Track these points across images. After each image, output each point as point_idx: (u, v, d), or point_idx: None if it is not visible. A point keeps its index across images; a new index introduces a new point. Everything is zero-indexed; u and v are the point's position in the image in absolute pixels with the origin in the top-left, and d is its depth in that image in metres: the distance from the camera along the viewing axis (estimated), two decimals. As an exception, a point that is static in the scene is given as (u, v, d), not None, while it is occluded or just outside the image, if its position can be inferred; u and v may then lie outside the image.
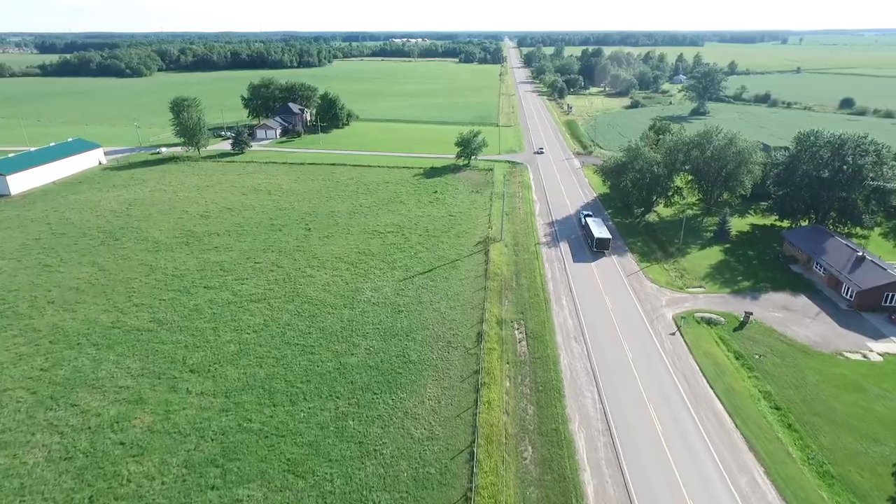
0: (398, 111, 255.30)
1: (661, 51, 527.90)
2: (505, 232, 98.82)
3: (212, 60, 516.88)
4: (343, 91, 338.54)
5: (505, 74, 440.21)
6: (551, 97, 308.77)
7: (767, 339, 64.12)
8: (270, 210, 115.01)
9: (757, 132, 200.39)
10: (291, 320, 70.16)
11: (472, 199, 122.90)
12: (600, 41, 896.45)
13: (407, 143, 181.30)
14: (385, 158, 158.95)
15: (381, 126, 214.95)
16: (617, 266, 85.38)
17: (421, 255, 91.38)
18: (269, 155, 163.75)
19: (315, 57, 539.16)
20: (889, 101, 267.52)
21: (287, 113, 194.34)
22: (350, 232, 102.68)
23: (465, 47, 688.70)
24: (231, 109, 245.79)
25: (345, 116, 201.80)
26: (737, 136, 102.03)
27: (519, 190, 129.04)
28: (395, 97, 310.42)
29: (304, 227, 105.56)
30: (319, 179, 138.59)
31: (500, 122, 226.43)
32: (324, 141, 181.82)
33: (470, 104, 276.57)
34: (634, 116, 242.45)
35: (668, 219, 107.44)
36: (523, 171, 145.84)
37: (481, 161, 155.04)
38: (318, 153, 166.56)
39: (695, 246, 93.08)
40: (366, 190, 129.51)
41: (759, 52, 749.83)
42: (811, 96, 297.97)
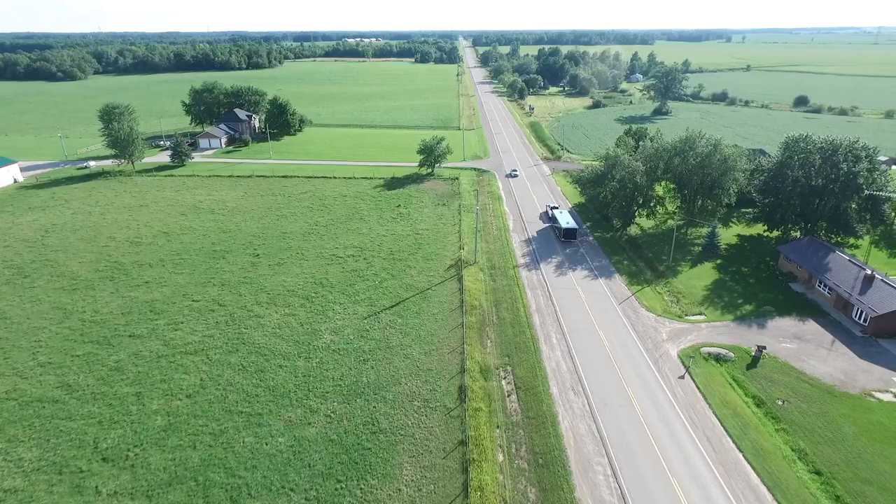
0: (354, 115, 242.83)
1: (616, 49, 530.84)
2: (479, 253, 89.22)
3: (153, 62, 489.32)
4: (295, 94, 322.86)
5: (463, 74, 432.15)
6: (511, 98, 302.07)
7: (786, 377, 56.63)
8: (213, 233, 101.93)
9: (721, 132, 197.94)
10: (235, 378, 58.45)
11: (439, 213, 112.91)
12: (554, 40, 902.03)
13: (365, 151, 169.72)
14: (342, 168, 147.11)
15: (336, 132, 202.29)
16: (606, 290, 76.95)
17: (386, 283, 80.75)
18: (213, 167, 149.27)
19: (265, 58, 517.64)
20: (839, 98, 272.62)
21: (233, 120, 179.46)
22: (305, 257, 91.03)
23: (421, 47, 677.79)
24: (173, 115, 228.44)
25: (297, 122, 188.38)
26: (720, 142, 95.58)
27: (489, 202, 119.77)
28: (351, 100, 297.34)
29: (251, 252, 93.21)
30: (270, 194, 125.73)
31: (461, 125, 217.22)
32: (274, 150, 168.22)
33: (429, 106, 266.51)
34: (598, 117, 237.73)
35: (651, 231, 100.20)
36: (491, 180, 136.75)
37: (446, 169, 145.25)
38: (268, 164, 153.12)
39: (685, 263, 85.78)
40: (322, 206, 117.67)
41: (707, 50, 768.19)
42: (765, 94, 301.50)
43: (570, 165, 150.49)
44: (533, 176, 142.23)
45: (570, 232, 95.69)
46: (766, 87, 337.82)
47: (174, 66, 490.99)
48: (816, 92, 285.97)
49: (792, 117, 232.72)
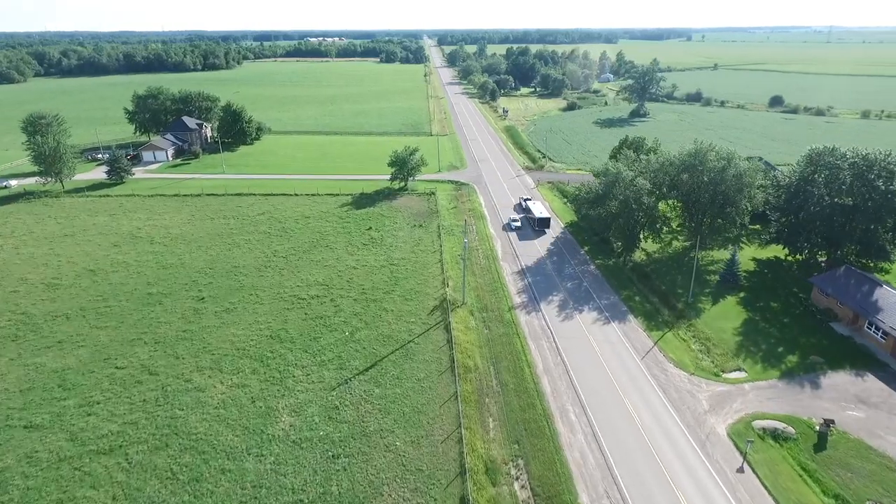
0: (317, 120, 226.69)
1: (585, 48, 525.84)
2: (466, 289, 76.12)
3: (100, 63, 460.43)
4: (254, 97, 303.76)
5: (430, 75, 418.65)
6: (483, 99, 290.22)
7: (865, 463, 45.43)
8: (150, 269, 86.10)
9: (704, 135, 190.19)
10: (159, 493, 43.86)
11: (416, 236, 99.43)
12: (519, 39, 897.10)
13: (330, 162, 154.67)
14: (304, 183, 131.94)
15: (298, 140, 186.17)
16: (623, 339, 64.82)
17: (359, 335, 66.96)
18: (157, 184, 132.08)
19: (222, 59, 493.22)
20: (811, 98, 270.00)
21: (181, 129, 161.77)
22: (260, 299, 76.39)
23: (386, 46, 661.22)
24: (118, 123, 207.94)
25: (254, 130, 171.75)
26: (734, 156, 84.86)
27: (472, 221, 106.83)
28: (313, 103, 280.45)
29: (195, 295, 77.99)
30: (221, 217, 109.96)
31: (433, 130, 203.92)
32: (228, 163, 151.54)
33: (398, 110, 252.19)
34: (575, 120, 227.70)
35: (658, 256, 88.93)
36: (472, 195, 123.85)
37: (420, 182, 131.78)
38: (221, 179, 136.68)
39: (704, 298, 74.47)
40: (281, 230, 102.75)
41: (670, 49, 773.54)
42: (738, 94, 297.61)
43: (555, 176, 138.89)
44: (517, 189, 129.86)
45: (543, 221, 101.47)
46: (736, 87, 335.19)
47: (123, 68, 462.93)
48: (787, 91, 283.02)
49: (770, 118, 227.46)
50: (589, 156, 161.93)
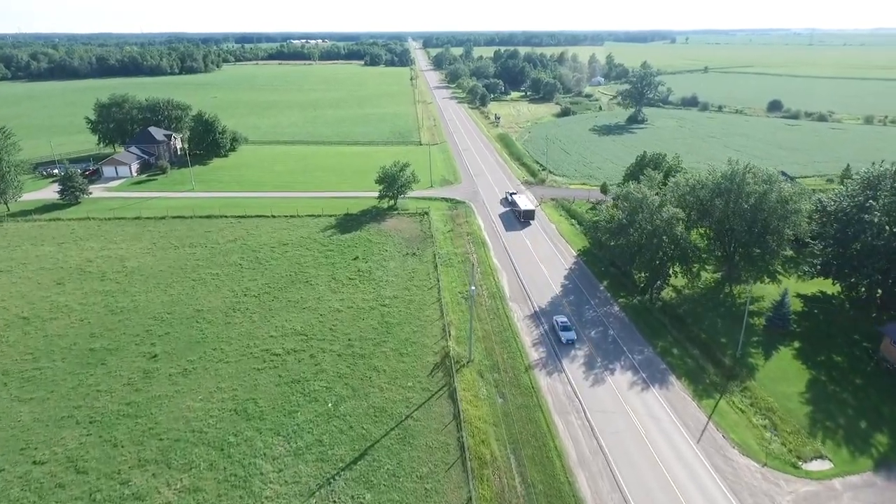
0: (299, 128, 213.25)
1: (573, 51, 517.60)
2: (473, 340, 64.04)
3: (72, 67, 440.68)
4: (232, 102, 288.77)
5: (417, 78, 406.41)
6: (473, 104, 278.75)
7: None
8: (97, 315, 72.88)
9: (708, 143, 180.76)
10: None
11: (410, 268, 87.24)
12: (505, 41, 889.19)
13: (311, 176, 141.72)
14: (283, 203, 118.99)
15: (277, 151, 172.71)
16: (669, 412, 53.11)
17: (345, 406, 54.62)
18: (117, 205, 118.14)
19: (200, 62, 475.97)
20: (808, 102, 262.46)
21: (147, 141, 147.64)
22: (225, 356, 63.69)
23: (370, 49, 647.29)
24: (83, 132, 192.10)
25: (228, 141, 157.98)
26: (775, 178, 73.90)
27: (471, 248, 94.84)
28: (295, 109, 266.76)
29: (146, 350, 65.04)
30: (186, 245, 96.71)
31: (422, 138, 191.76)
32: (198, 178, 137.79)
33: (384, 116, 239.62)
34: (570, 126, 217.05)
35: (687, 293, 77.65)
36: (469, 215, 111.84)
37: (411, 200, 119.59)
38: (189, 198, 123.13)
39: (754, 349, 63.23)
40: (254, 261, 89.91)
41: (656, 51, 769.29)
42: (733, 98, 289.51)
43: (557, 192, 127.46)
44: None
45: (528, 213, 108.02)
46: (729, 90, 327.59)
47: (96, 72, 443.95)
48: (781, 94, 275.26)
49: (772, 124, 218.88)
50: (591, 167, 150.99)
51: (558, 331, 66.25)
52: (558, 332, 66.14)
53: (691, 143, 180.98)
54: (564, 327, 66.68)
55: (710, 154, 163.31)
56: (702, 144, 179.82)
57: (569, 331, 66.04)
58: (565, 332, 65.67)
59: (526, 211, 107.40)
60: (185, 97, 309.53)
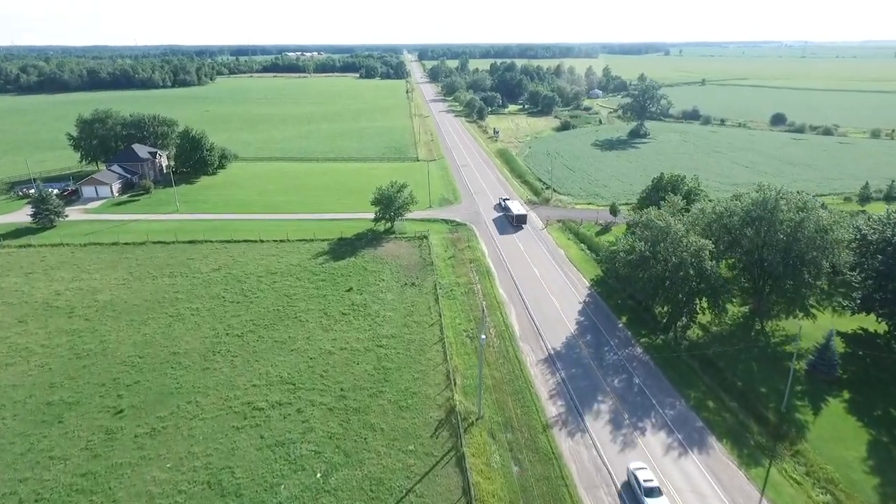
0: (292, 143, 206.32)
1: (570, 63, 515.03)
2: (482, 392, 56.58)
3: (62, 80, 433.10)
4: (225, 116, 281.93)
5: (413, 91, 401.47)
6: (470, 118, 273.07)
7: None
8: (60, 359, 65.20)
9: (715, 158, 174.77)
10: None
11: (409, 300, 79.94)
12: (501, 53, 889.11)
13: (304, 196, 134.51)
14: (272, 225, 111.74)
15: (268, 168, 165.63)
16: (714, 485, 45.57)
17: (336, 478, 47.04)
18: (94, 229, 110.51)
19: (193, 75, 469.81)
20: (810, 115, 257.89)
21: (131, 159, 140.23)
22: (200, 410, 56.09)
23: (366, 61, 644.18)
24: (68, 148, 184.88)
25: (216, 159, 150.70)
26: (812, 205, 67.24)
27: (475, 278, 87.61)
28: (289, 123, 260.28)
29: (111, 404, 57.37)
30: (166, 274, 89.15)
31: (419, 154, 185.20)
32: (184, 199, 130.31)
33: (379, 130, 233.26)
34: (571, 141, 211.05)
35: (715, 330, 70.57)
36: (471, 239, 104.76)
37: (409, 222, 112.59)
38: (173, 221, 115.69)
39: (799, 401, 56.01)
40: (240, 293, 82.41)
41: (651, 63, 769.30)
42: (733, 110, 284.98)
43: (563, 212, 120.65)
44: (522, 230, 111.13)
45: (521, 218, 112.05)
46: (729, 103, 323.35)
47: (87, 85, 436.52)
48: (782, 107, 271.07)
49: (778, 139, 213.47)
50: (597, 185, 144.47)
51: (640, 494, 43.35)
52: (640, 495, 43.31)
53: (697, 159, 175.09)
54: (650, 490, 43.21)
55: (718, 170, 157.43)
56: (708, 160, 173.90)
57: (656, 496, 42.99)
58: (652, 499, 42.75)
59: (518, 215, 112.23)
60: (176, 110, 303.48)
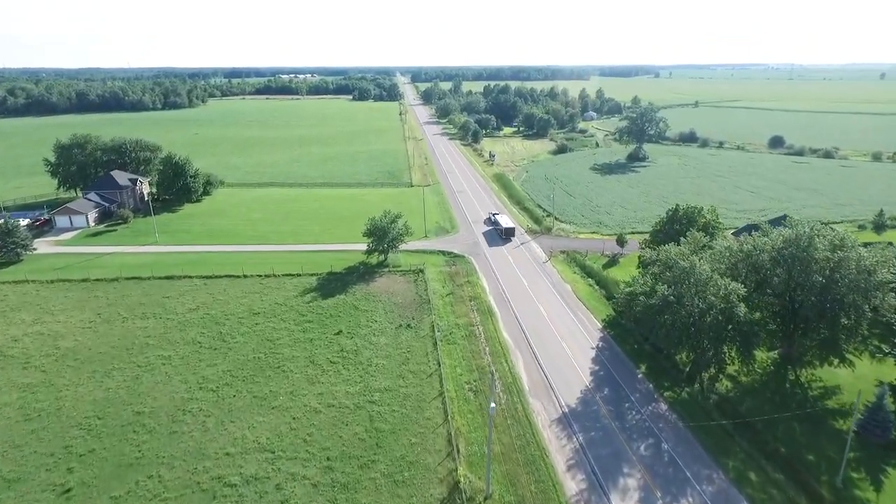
0: (282, 168, 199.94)
1: (564, 85, 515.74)
2: (491, 463, 49.05)
3: (51, 102, 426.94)
4: (214, 139, 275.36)
5: (406, 113, 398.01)
6: (465, 141, 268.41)
7: None
8: (6, 422, 57.23)
9: (718, 183, 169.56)
10: None
11: (404, 345, 72.60)
12: (493, 76, 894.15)
13: (293, 224, 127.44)
14: (257, 258, 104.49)
15: (256, 194, 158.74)
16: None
17: (318, 581, 39.13)
18: (65, 263, 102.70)
19: (184, 97, 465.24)
20: (810, 138, 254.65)
21: (109, 186, 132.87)
22: (163, 488, 48.25)
23: (359, 83, 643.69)
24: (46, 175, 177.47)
25: (200, 186, 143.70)
26: (851, 243, 60.98)
27: (476, 319, 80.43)
28: (279, 146, 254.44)
29: (59, 480, 49.36)
30: (138, 316, 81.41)
31: (414, 179, 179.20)
32: (165, 229, 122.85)
33: (373, 154, 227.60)
34: (569, 165, 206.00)
35: (745, 381, 63.60)
36: (471, 274, 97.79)
37: (403, 254, 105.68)
38: (150, 254, 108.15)
39: (858, 476, 48.83)
40: (218, 337, 74.79)
41: (643, 85, 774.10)
42: (730, 133, 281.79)
43: (566, 242, 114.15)
44: (524, 261, 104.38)
45: (509, 231, 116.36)
46: (725, 125, 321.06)
47: (76, 107, 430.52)
48: (778, 130, 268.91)
49: (779, 162, 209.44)
50: (599, 212, 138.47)
51: None
52: None
53: (700, 184, 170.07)
54: None
55: (722, 196, 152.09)
56: (711, 185, 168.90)
57: None
58: None
59: (507, 228, 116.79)
60: (165, 133, 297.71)
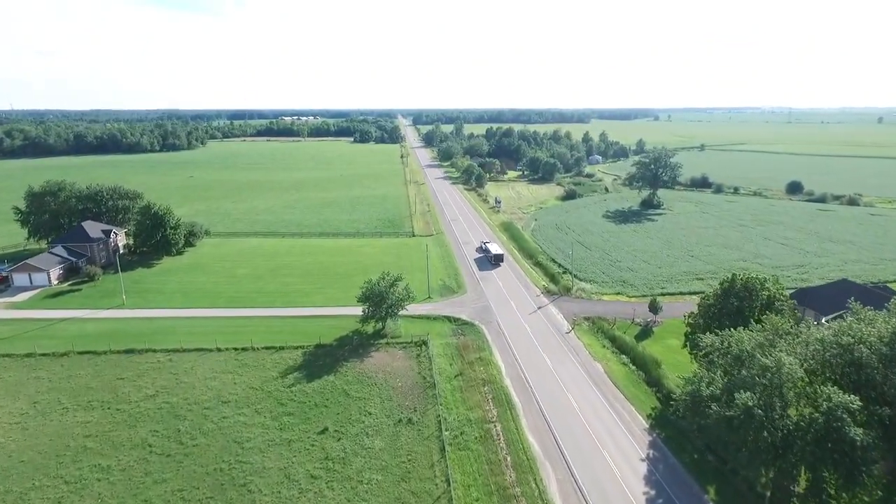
0: (276, 214, 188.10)
1: (566, 128, 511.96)
2: None
3: (47, 144, 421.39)
4: (209, 183, 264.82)
5: (407, 156, 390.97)
6: (468, 185, 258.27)
7: None
8: None
9: (741, 232, 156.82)
10: None
11: (404, 451, 58.09)
12: (494, 118, 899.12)
13: (280, 283, 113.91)
14: (235, 325, 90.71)
15: (244, 245, 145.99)
16: None
17: None
18: (12, 332, 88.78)
19: (183, 139, 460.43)
20: (827, 183, 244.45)
21: (79, 239, 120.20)
22: None
23: (360, 126, 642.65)
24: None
25: (182, 237, 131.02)
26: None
27: (493, 412, 66.01)
28: (275, 191, 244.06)
29: None
30: (81, 405, 67.17)
31: (415, 228, 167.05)
32: (136, 288, 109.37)
33: (372, 199, 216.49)
34: (580, 212, 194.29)
35: (847, 511, 48.89)
36: (483, 347, 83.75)
37: (405, 319, 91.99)
38: (114, 320, 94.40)
39: None
40: (173, 437, 60.39)
41: (643, 128, 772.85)
42: (743, 178, 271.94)
43: (589, 306, 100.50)
44: (542, 333, 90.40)
45: (498, 257, 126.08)
46: (735, 169, 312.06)
47: (73, 149, 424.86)
48: (792, 174, 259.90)
49: (802, 209, 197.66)
50: (619, 267, 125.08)
51: None
52: None
53: (725, 235, 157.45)
54: None
55: (752, 249, 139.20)
56: (736, 235, 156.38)
57: None
58: None
59: (496, 255, 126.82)
60: (160, 177, 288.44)
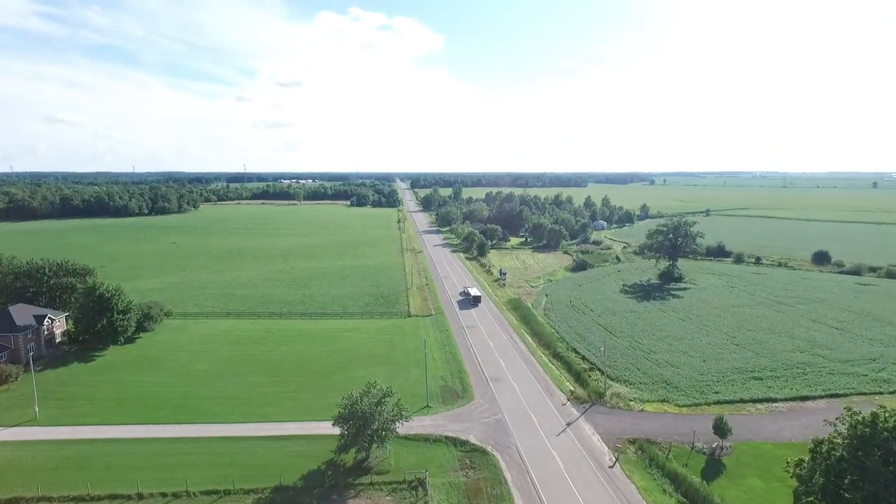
0: (255, 289, 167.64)
1: (567, 192, 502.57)
2: None
3: (31, 207, 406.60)
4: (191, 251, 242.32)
5: (404, 221, 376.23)
6: (469, 254, 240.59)
7: None
8: None
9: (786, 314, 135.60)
10: None
11: None
12: (492, 182, 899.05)
13: (242, 386, 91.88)
14: (170, 451, 68.57)
15: (210, 330, 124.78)
16: None
17: None
18: None
19: (174, 202, 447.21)
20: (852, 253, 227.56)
21: (3, 328, 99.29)
22: None
23: (357, 189, 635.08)
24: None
25: (131, 323, 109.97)
26: None
27: None
28: (262, 259, 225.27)
29: None
30: None
31: (412, 306, 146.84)
32: (58, 393, 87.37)
33: (366, 271, 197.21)
34: (593, 286, 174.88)
35: None
36: (500, 497, 61.64)
37: (395, 443, 70.11)
38: (13, 443, 72.17)
39: None
40: None
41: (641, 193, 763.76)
42: (759, 246, 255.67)
43: (633, 423, 78.83)
44: (579, 462, 68.46)
45: (477, 298, 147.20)
46: (749, 237, 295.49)
47: (58, 212, 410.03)
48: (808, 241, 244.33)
49: (839, 283, 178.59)
50: (657, 362, 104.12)
51: None
52: None
53: (765, 316, 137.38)
54: None
55: (806, 336, 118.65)
56: (779, 317, 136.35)
57: None
58: None
59: (475, 297, 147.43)
60: (140, 243, 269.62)
